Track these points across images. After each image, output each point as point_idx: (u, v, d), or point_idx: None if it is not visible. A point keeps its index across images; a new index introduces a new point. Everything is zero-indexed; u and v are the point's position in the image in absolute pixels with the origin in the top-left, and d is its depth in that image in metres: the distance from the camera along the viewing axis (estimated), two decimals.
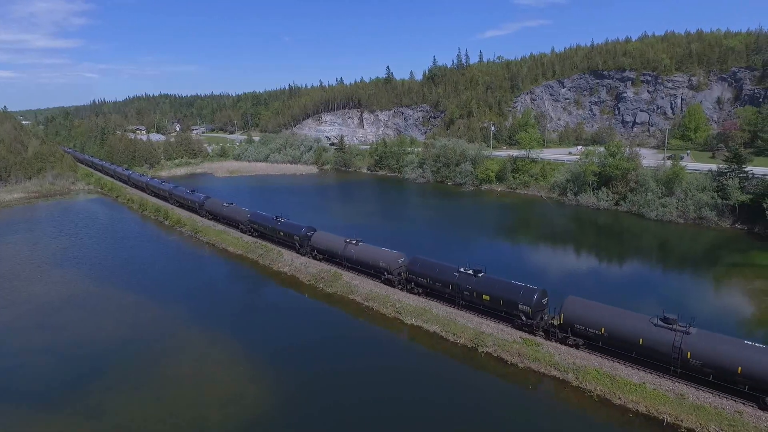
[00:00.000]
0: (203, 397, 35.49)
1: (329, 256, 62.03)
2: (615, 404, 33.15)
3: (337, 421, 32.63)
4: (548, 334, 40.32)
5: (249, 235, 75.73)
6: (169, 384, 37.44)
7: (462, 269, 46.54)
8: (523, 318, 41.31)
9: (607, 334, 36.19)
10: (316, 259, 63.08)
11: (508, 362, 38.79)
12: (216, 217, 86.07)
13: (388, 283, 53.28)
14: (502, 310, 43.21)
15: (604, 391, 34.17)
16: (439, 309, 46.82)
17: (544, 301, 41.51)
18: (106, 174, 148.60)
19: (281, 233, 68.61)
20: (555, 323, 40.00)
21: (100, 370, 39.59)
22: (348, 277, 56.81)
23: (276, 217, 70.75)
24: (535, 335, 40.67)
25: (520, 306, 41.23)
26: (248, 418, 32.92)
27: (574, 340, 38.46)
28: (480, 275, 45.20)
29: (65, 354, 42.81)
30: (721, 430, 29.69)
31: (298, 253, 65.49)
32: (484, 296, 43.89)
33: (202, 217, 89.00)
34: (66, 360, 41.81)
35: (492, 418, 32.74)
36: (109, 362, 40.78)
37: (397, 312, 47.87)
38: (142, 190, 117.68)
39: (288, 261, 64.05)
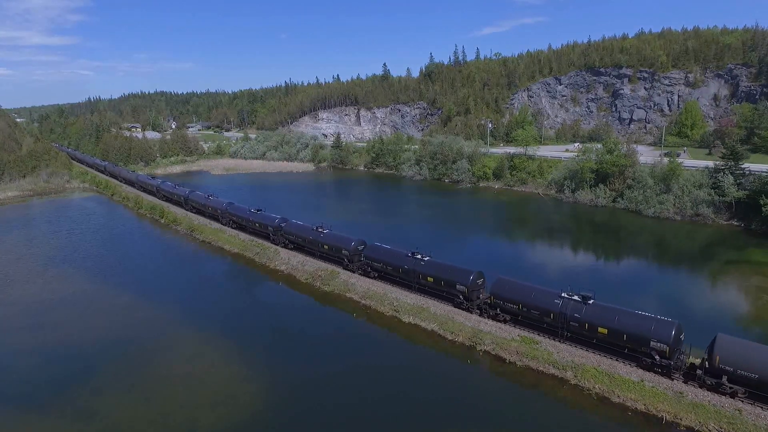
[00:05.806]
0: (195, 397, 34.93)
1: (240, 224, 76.62)
2: (614, 402, 32.87)
3: (332, 422, 32.19)
4: (363, 272, 55.29)
5: (188, 211, 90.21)
6: (161, 384, 36.86)
7: (314, 227, 62.09)
8: (346, 261, 56.46)
9: (387, 267, 52.63)
10: (231, 228, 77.73)
11: (507, 360, 38.48)
12: (169, 199, 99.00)
13: (273, 242, 67.91)
14: (335, 256, 58.78)
15: (602, 389, 33.90)
16: (436, 307, 46.48)
17: (361, 248, 55.90)
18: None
19: (210, 208, 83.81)
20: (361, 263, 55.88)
21: (90, 370, 38.96)
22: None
23: (208, 195, 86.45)
24: (354, 272, 55.52)
25: (342, 251, 56.81)
26: (241, 419, 32.38)
27: (374, 274, 54.27)
28: (326, 231, 60.71)
29: (55, 354, 42.16)
30: (721, 428, 29.46)
31: (221, 224, 79.96)
32: (325, 246, 59.96)
33: (160, 199, 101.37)
34: (55, 360, 41.16)
35: (491, 416, 32.38)
36: (100, 362, 40.14)
37: (395, 310, 47.49)
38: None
39: (285, 260, 63.56)
